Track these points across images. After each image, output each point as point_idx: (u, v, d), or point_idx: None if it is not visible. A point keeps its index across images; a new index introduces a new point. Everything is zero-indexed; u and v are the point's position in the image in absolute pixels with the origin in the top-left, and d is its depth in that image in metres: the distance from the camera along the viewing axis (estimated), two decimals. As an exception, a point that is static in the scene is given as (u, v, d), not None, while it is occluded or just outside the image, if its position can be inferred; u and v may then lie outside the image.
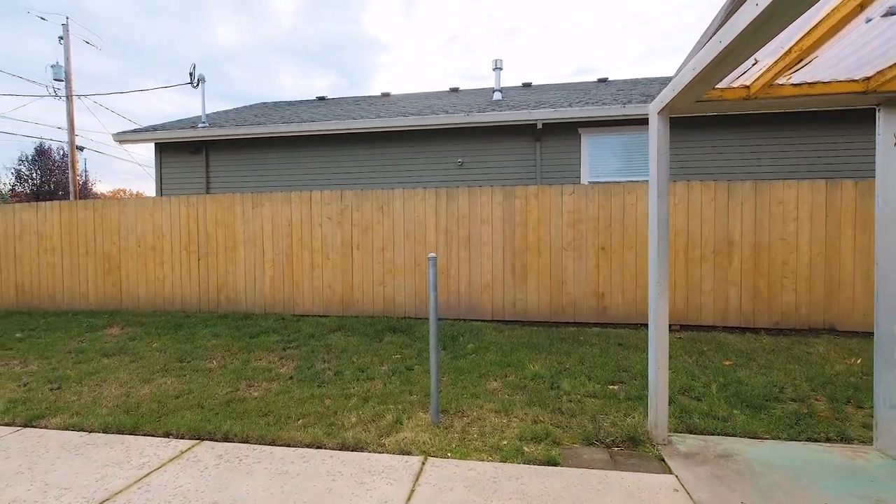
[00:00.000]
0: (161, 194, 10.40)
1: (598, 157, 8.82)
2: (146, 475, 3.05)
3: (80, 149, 19.30)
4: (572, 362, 5.04)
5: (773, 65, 2.84)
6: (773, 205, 6.19)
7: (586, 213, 6.60)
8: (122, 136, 10.02)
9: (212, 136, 9.86)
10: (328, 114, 10.38)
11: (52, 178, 22.48)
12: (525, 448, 3.27)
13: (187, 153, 10.23)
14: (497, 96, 10.64)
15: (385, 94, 13.03)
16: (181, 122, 10.98)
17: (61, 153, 22.66)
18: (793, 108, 3.34)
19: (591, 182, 7.44)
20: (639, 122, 8.52)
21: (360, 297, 7.13)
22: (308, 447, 3.40)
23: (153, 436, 3.66)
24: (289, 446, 3.43)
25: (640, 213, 6.50)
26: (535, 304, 6.73)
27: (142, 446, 3.48)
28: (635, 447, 3.31)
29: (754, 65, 2.90)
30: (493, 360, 5.11)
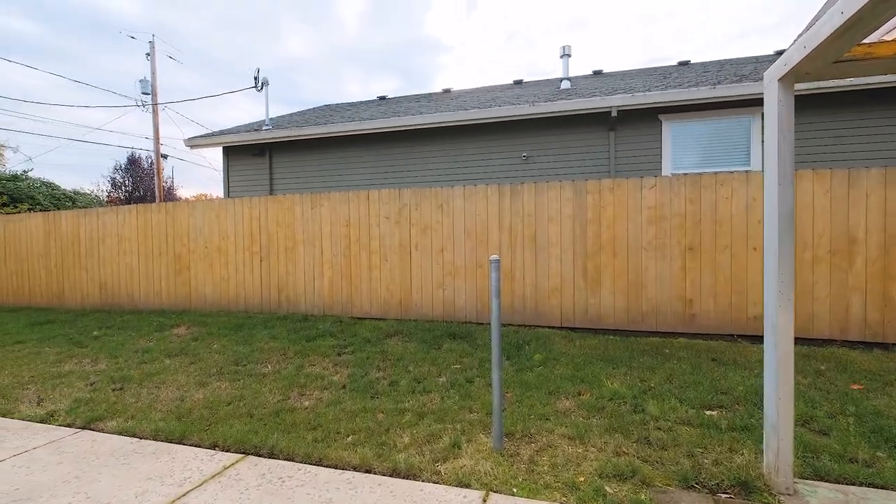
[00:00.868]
0: (228, 196, 10.70)
1: (682, 147, 7.91)
2: (185, 494, 2.83)
3: (164, 156, 20.69)
4: (658, 380, 4.36)
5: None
6: (909, 195, 5.12)
7: (670, 208, 5.83)
8: (192, 141, 10.42)
9: (274, 138, 9.99)
10: (387, 112, 10.19)
11: (143, 185, 24.43)
12: (607, 488, 2.72)
13: (251, 156, 10.45)
14: (565, 85, 9.94)
15: (446, 91, 12.69)
16: (247, 126, 11.26)
17: (149, 161, 24.55)
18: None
19: (675, 174, 6.62)
20: (731, 104, 7.53)
21: (418, 299, 6.79)
22: (356, 470, 3.05)
23: (200, 446, 3.48)
24: (335, 468, 3.10)
25: (736, 207, 5.64)
26: (610, 310, 6.05)
27: (187, 458, 3.29)
28: (748, 495, 2.65)
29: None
30: (564, 375, 4.55)
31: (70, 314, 8.05)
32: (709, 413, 3.70)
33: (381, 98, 13.23)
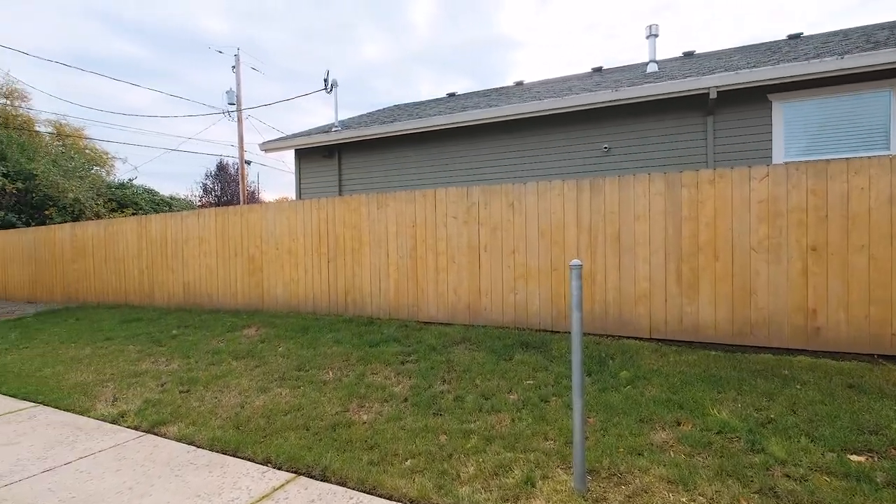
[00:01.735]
0: (300, 198, 10.87)
1: (798, 130, 6.77)
2: (228, 519, 2.59)
3: (248, 162, 21.91)
4: (778, 410, 3.57)
5: None
6: None
7: (787, 202, 4.91)
8: (267, 145, 10.74)
9: (342, 138, 9.99)
10: (455, 108, 9.82)
11: (229, 190, 26.16)
12: (727, 559, 2.10)
13: (321, 157, 10.55)
14: (652, 69, 9.01)
15: (518, 84, 12.08)
16: (317, 129, 11.40)
17: (235, 167, 26.22)
18: None
19: (789, 162, 5.60)
20: (864, 77, 6.33)
21: (487, 304, 6.33)
22: (412, 503, 2.66)
23: (253, 461, 3.28)
24: (390, 499, 2.73)
25: (875, 200, 4.61)
26: (710, 321, 5.22)
27: (238, 474, 3.09)
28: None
29: None
30: (658, 398, 3.88)
31: (156, 312, 8.49)
32: (855, 459, 2.91)
33: (450, 95, 12.89)
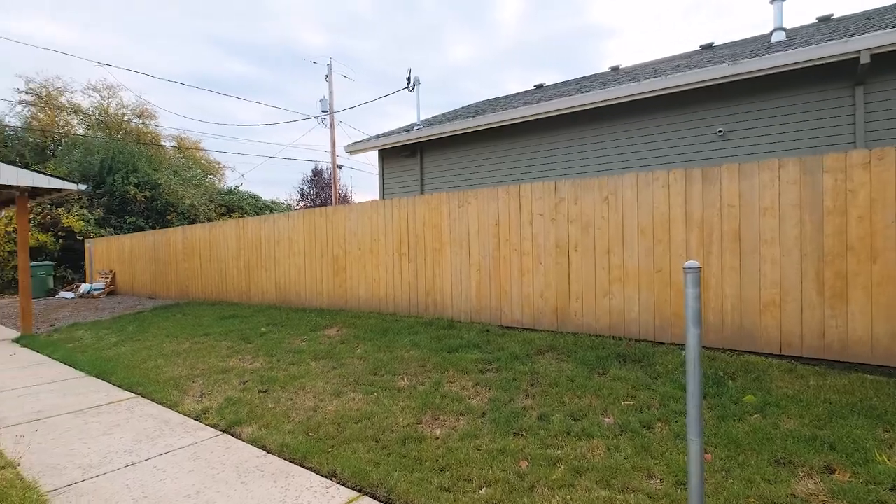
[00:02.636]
0: (383, 198, 10.90)
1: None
2: (282, 543, 2.36)
3: (340, 167, 22.85)
4: (984, 463, 2.64)
5: None
6: None
7: (979, 185, 3.77)
8: (352, 147, 10.91)
9: (424, 136, 9.81)
10: (543, 98, 9.21)
11: (323, 193, 27.58)
12: None
13: (403, 157, 10.48)
14: (778, 37, 7.69)
15: (614, 69, 11.09)
16: (399, 129, 11.35)
17: (329, 172, 27.56)
18: None
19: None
20: None
21: (578, 309, 5.72)
22: (486, 548, 2.25)
23: (318, 473, 3.07)
24: (460, 537, 2.34)
25: None
26: (864, 337, 4.19)
27: (301, 488, 2.88)
28: None
29: None
30: (798, 433, 3.09)
31: (251, 309, 8.89)
32: None
33: (538, 87, 12.20)
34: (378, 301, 7.67)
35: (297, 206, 27.51)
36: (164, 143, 24.11)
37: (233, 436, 3.74)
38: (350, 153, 11.16)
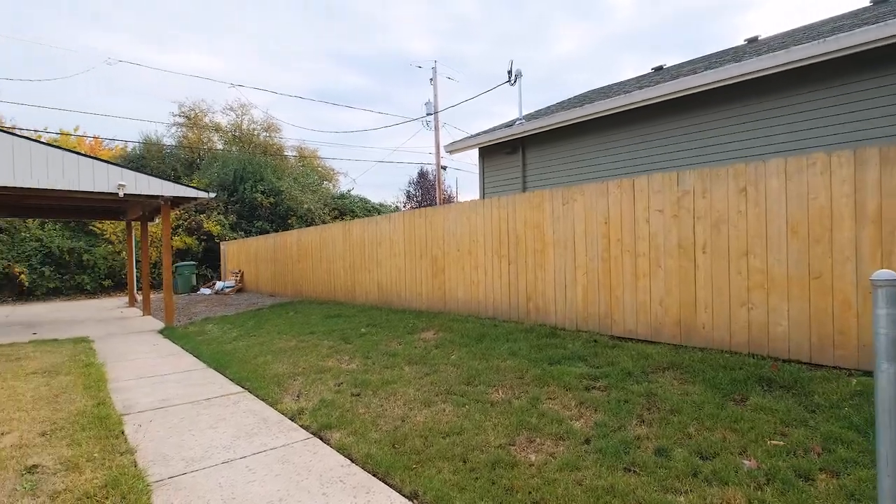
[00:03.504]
0: (483, 197, 10.58)
1: None
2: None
3: (444, 168, 23.09)
4: None
5: None
6: None
7: None
8: (451, 146, 10.75)
9: (526, 131, 9.29)
10: (664, 79, 8.20)
11: (429, 195, 28.13)
12: None
13: (504, 154, 10.05)
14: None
15: (751, 40, 9.51)
16: (500, 125, 10.93)
17: (434, 174, 28.06)
18: None
19: None
20: None
21: (706, 320, 4.87)
22: None
23: (399, 492, 2.83)
24: None
25: None
26: None
27: (379, 509, 2.64)
28: None
29: None
30: None
31: (354, 309, 9.13)
32: None
33: (656, 69, 10.96)
34: (476, 304, 7.37)
35: (403, 208, 28.43)
36: (286, 153, 26.43)
37: (322, 440, 3.66)
38: (450, 152, 11.06)
